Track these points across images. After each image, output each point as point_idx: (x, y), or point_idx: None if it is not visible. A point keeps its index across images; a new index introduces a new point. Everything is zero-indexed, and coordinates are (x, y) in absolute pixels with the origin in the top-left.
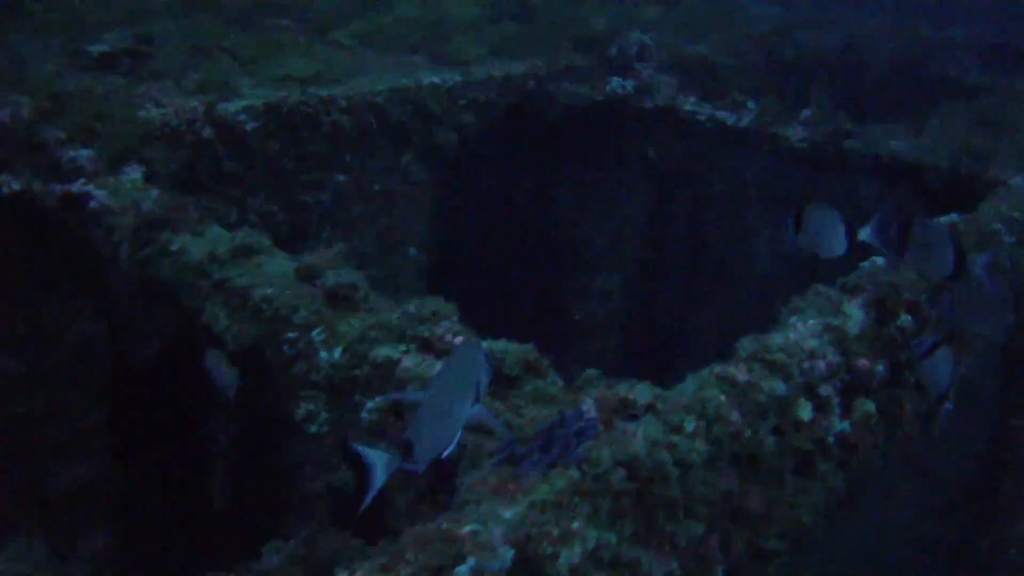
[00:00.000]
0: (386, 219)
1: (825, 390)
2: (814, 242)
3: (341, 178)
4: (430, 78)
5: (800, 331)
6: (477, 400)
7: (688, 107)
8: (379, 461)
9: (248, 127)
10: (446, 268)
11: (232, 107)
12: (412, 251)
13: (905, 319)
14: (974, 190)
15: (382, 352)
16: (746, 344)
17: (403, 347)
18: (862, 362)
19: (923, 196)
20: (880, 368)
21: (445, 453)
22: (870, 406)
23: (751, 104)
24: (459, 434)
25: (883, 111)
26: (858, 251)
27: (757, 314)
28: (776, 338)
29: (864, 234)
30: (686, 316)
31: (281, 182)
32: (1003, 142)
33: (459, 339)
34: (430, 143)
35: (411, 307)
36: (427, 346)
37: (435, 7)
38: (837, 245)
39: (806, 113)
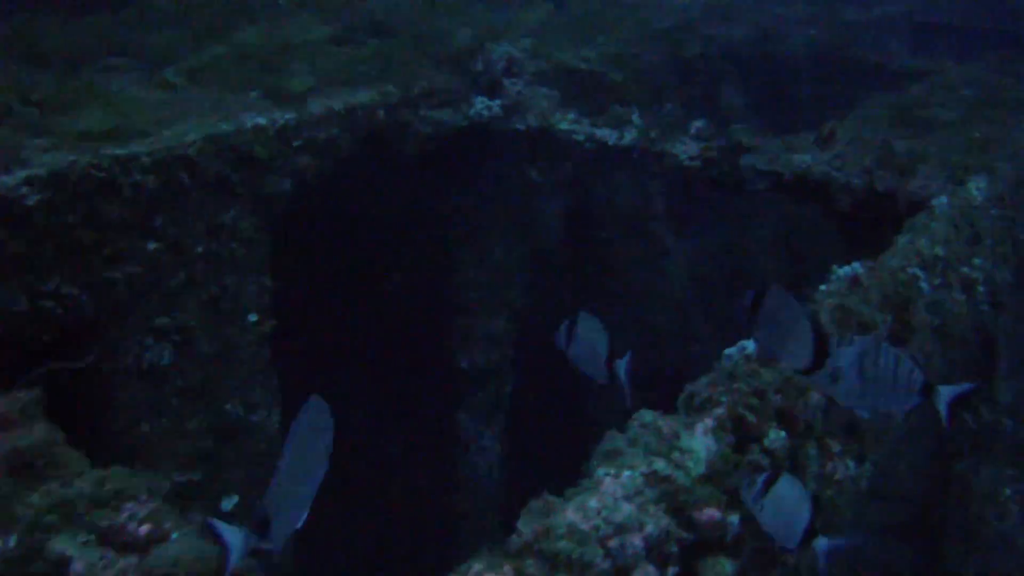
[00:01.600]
0: (214, 285)
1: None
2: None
3: (152, 246)
4: (255, 119)
5: (608, 492)
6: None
7: (564, 126)
8: (235, 540)
9: (30, 201)
10: (298, 330)
11: (9, 180)
12: (252, 317)
13: (775, 438)
14: (892, 212)
15: (57, 546)
16: (524, 524)
17: (82, 537)
18: (707, 513)
19: (836, 220)
20: (736, 518)
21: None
22: (725, 567)
23: (635, 118)
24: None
25: (804, 107)
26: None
27: (673, 340)
28: (569, 512)
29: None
30: None
31: (79, 259)
32: (929, 145)
33: (144, 528)
34: (260, 194)
35: (85, 484)
36: (108, 537)
37: (278, 33)
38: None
39: (697, 125)
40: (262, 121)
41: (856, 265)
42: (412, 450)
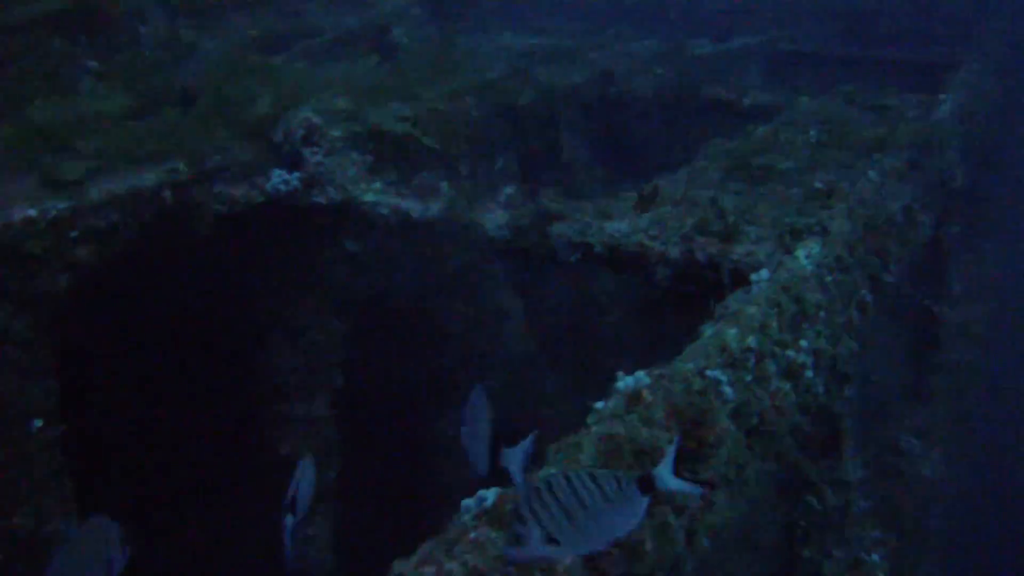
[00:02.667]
0: None
1: None
2: None
3: None
4: (25, 211)
5: None
6: None
7: (369, 197)
8: None
9: None
10: (95, 432)
11: None
12: (36, 423)
13: None
14: (716, 283)
15: None
16: None
17: None
18: None
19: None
20: None
21: None
22: None
23: (445, 186)
24: None
25: (652, 150)
26: None
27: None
28: None
29: None
30: (426, 421)
31: None
32: (763, 200)
33: None
34: (31, 292)
35: None
36: None
37: (73, 106)
38: None
39: (507, 191)
40: (32, 213)
41: (641, 375)
42: (233, 546)
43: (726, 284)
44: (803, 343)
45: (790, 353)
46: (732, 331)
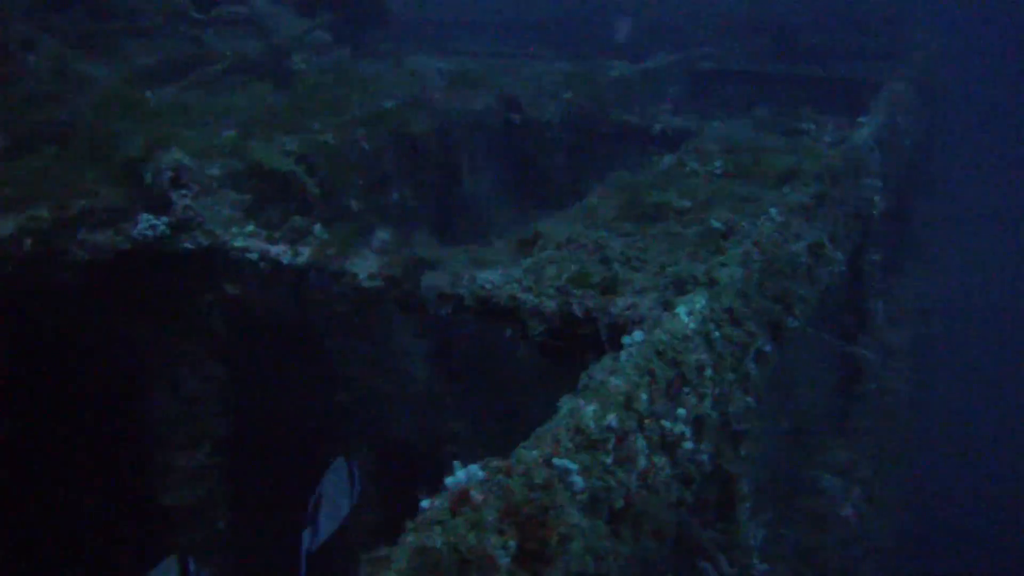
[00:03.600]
0: None
1: None
2: None
3: None
4: None
5: None
6: None
7: (239, 243)
8: None
9: None
10: None
11: None
12: None
13: None
14: (595, 339)
15: None
16: None
17: None
18: None
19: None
20: None
21: None
22: None
23: (317, 229)
24: None
25: (559, 179)
26: None
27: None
28: None
29: None
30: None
31: None
32: (654, 243)
33: None
34: None
35: None
36: None
37: None
38: None
39: (381, 236)
40: None
41: (474, 469)
42: None
43: (604, 341)
44: (680, 412)
45: (666, 424)
46: (591, 408)
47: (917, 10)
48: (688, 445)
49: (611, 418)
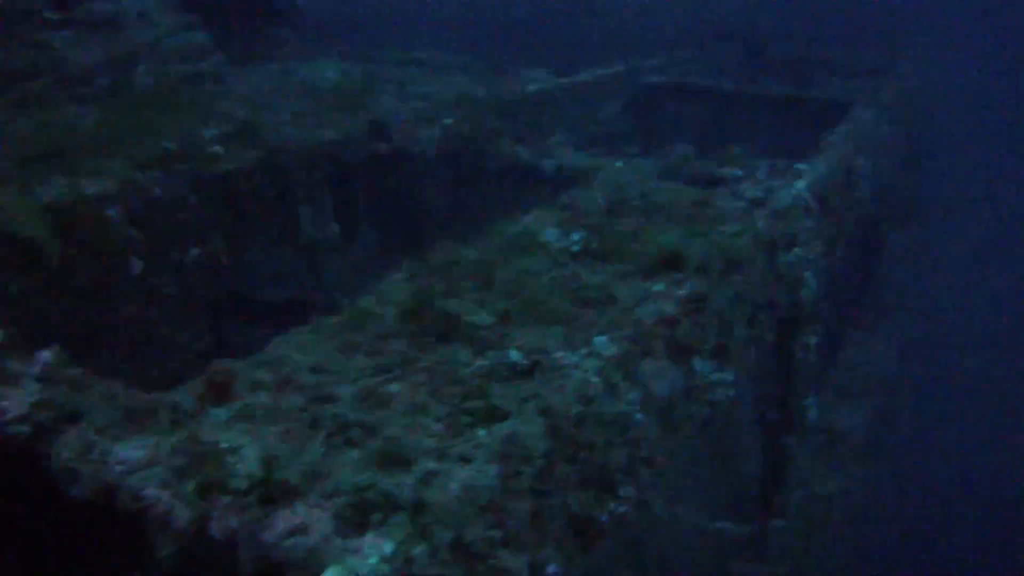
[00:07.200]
0: None
1: None
2: None
3: None
4: None
5: None
6: None
7: None
8: None
9: None
10: None
11: None
12: None
13: None
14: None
15: None
16: None
17: None
18: None
19: None
20: None
21: None
22: None
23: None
24: None
25: (436, 220)
26: None
27: None
28: None
29: None
30: None
31: None
32: (412, 390)
33: None
34: None
35: None
36: None
37: None
38: None
39: (45, 357)
40: None
41: None
42: None
43: None
44: None
45: None
46: None
47: (911, 20)
48: None
49: None
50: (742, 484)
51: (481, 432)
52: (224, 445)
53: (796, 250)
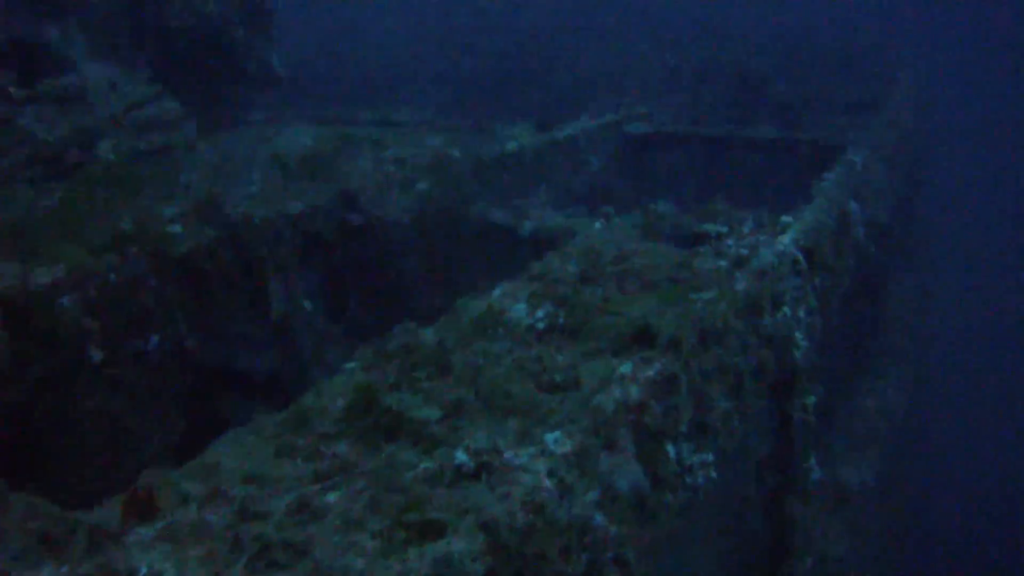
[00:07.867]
0: None
1: None
2: None
3: None
4: None
5: None
6: None
7: None
8: None
9: None
10: None
11: None
12: None
13: None
14: None
15: None
16: None
17: None
18: None
19: None
20: None
21: None
22: None
23: None
24: None
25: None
26: None
27: None
28: None
29: None
30: None
31: None
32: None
33: None
34: None
35: None
36: None
37: None
38: None
39: None
40: None
41: None
42: None
43: None
44: None
45: None
46: None
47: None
48: None
49: None
50: (752, 555)
51: (413, 552)
52: (144, 571)
53: (784, 310)
